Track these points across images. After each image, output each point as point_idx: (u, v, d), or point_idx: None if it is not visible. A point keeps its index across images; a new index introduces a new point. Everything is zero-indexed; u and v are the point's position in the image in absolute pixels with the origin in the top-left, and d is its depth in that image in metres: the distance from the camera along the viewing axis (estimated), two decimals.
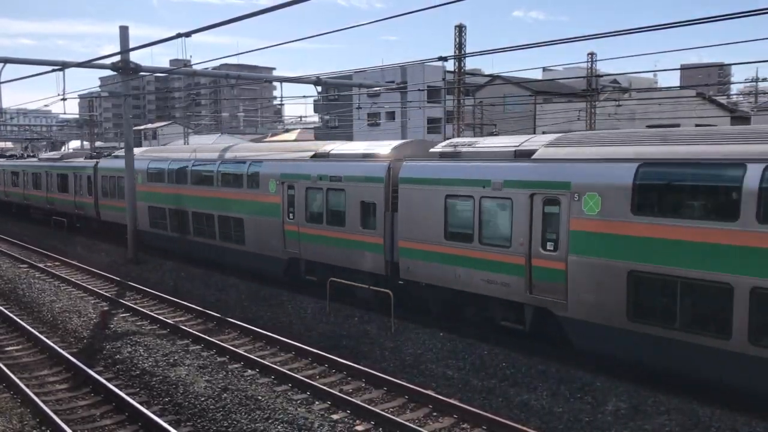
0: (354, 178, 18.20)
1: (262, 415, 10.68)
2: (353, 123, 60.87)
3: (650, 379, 12.39)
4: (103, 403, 11.70)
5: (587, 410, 11.16)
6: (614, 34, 10.98)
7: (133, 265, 24.93)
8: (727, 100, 67.68)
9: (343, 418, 10.85)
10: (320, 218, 19.20)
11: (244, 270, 22.42)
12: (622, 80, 70.98)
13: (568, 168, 13.35)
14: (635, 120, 48.89)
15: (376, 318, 16.66)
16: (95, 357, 14.13)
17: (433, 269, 16.07)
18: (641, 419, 10.78)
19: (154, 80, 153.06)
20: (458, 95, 42.19)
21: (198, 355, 14.12)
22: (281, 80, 28.57)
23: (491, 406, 11.41)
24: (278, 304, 18.67)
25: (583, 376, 12.51)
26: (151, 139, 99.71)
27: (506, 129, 53.11)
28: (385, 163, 17.64)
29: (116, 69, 24.86)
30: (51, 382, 12.84)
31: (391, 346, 14.68)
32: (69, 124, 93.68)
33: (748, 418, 10.61)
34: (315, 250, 19.47)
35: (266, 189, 20.86)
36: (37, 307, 18.50)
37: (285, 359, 14.18)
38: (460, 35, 40.14)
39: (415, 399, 11.70)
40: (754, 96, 69.19)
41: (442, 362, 13.62)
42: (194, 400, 11.40)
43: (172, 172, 25.82)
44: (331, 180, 18.82)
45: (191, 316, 17.86)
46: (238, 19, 11.18)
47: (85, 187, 32.99)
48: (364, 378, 12.75)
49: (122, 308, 18.37)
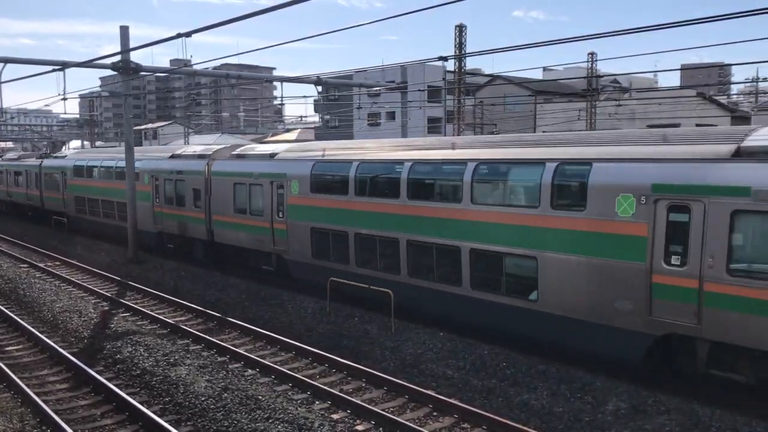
0: (190, 171, 25.02)
1: (262, 415, 10.69)
2: (354, 123, 60.89)
3: (650, 379, 12.41)
4: (104, 402, 11.71)
5: (587, 410, 11.16)
6: (614, 34, 10.98)
7: (134, 265, 24.95)
8: (727, 100, 67.66)
9: (344, 418, 10.86)
10: (172, 201, 25.99)
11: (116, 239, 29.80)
12: (623, 80, 70.99)
13: (287, 164, 20.67)
14: (635, 120, 48.89)
15: (376, 318, 16.67)
16: (96, 357, 14.14)
17: (228, 234, 23.24)
18: (641, 419, 10.78)
19: (155, 80, 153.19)
20: (458, 95, 42.20)
21: (198, 354, 14.13)
22: (282, 80, 28.58)
23: (491, 405, 11.41)
24: (278, 304, 18.68)
25: (584, 376, 12.52)
26: (152, 139, 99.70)
27: (507, 129, 53.17)
28: (204, 161, 24.43)
29: (117, 69, 24.86)
30: (51, 382, 12.85)
31: (391, 346, 14.69)
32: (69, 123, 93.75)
33: (748, 418, 10.61)
34: (170, 224, 26.31)
35: (142, 181, 27.37)
36: (37, 306, 18.51)
37: (285, 359, 14.19)
38: (460, 35, 40.14)
39: (415, 399, 11.71)
40: (755, 96, 69.19)
41: (443, 362, 13.63)
42: (195, 399, 11.40)
43: (90, 169, 33.25)
44: (178, 173, 25.64)
45: (192, 315, 17.87)
46: (239, 18, 11.19)
47: (33, 182, 39.43)
48: (364, 378, 12.75)
49: (123, 308, 18.38)
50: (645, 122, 48.38)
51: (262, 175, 21.34)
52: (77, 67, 23.74)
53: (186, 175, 25.14)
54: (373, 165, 17.87)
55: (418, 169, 16.56)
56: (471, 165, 15.10)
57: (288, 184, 20.15)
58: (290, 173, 20.17)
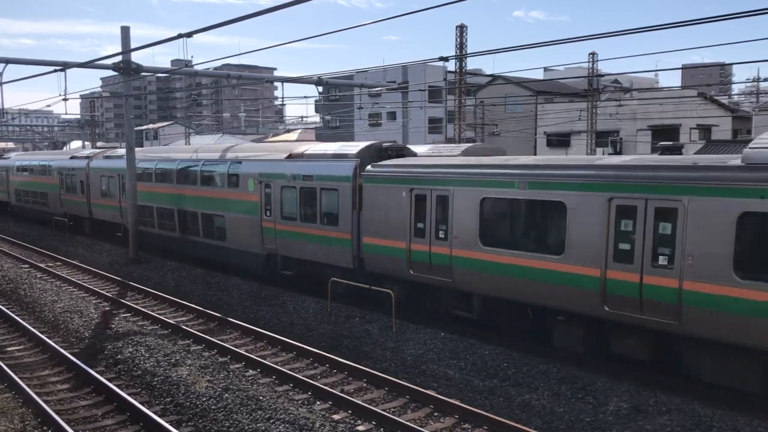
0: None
1: (263, 416, 10.69)
2: (354, 123, 60.89)
3: (651, 378, 12.41)
4: (105, 403, 11.71)
5: (588, 410, 11.16)
6: (615, 34, 10.98)
7: (135, 265, 24.97)
8: (728, 100, 67.62)
9: (345, 419, 10.86)
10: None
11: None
12: (624, 80, 70.97)
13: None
14: (636, 120, 48.85)
15: (377, 318, 16.67)
16: (97, 357, 14.15)
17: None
18: (642, 419, 10.77)
19: (156, 80, 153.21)
20: (459, 95, 42.18)
21: (199, 355, 14.14)
22: (283, 80, 28.62)
23: (492, 406, 11.41)
24: (279, 304, 18.68)
25: (585, 376, 12.51)
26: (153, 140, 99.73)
27: (508, 129, 53.14)
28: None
29: (118, 69, 24.87)
30: (52, 382, 12.85)
31: (392, 347, 14.69)
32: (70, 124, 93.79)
33: (749, 419, 10.60)
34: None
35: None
36: (38, 307, 18.52)
37: (286, 359, 14.19)
38: (461, 35, 40.12)
39: (416, 399, 11.70)
40: (756, 96, 69.15)
41: (444, 362, 13.62)
42: (196, 400, 11.41)
43: (26, 167, 40.89)
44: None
45: (193, 316, 17.88)
46: (240, 19, 11.19)
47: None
48: (365, 378, 12.75)
49: (124, 308, 18.39)
50: (646, 122, 48.33)
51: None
52: (78, 67, 23.76)
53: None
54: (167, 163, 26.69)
55: (162, 166, 26.66)
56: (200, 162, 24.60)
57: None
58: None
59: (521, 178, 14.07)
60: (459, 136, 42.33)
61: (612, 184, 12.45)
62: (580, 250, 12.78)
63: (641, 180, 12.07)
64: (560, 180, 13.32)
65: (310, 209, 19.63)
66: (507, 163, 15.16)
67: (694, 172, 11.56)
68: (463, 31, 39.99)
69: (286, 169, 20.55)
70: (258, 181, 21.46)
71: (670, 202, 11.62)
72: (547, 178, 13.56)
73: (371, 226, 17.56)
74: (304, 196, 19.78)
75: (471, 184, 15.08)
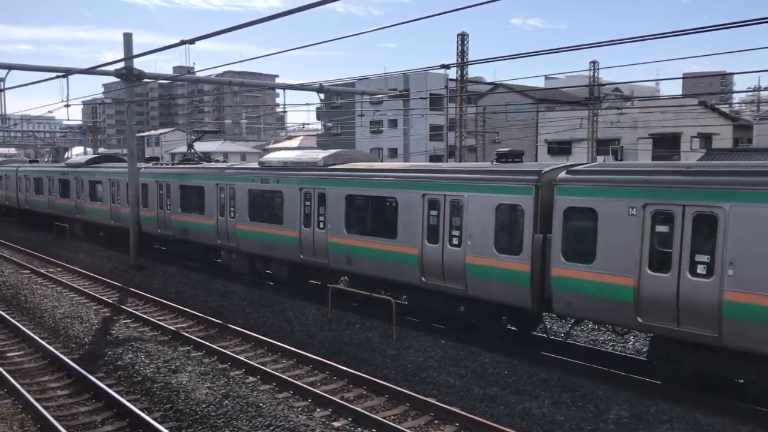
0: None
1: (263, 422, 10.66)
2: (356, 130, 60.99)
3: (652, 387, 12.38)
4: (105, 409, 11.68)
5: (589, 418, 11.13)
6: (616, 42, 11.03)
7: (136, 271, 24.96)
8: (729, 109, 67.65)
9: (345, 426, 10.84)
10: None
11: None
12: (624, 88, 71.02)
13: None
14: (637, 128, 48.94)
15: (378, 325, 16.65)
16: (97, 363, 14.12)
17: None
18: (643, 428, 10.74)
19: (158, 87, 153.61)
20: (460, 103, 42.25)
21: (200, 361, 14.12)
22: (284, 87, 28.72)
23: (493, 414, 11.38)
24: (280, 310, 18.67)
25: (586, 384, 12.48)
26: (154, 146, 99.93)
27: (509, 137, 53.18)
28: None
29: (120, 76, 24.93)
30: (52, 388, 12.83)
31: (392, 354, 14.67)
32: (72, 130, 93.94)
33: (751, 427, 10.57)
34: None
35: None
36: (39, 312, 18.51)
37: (286, 366, 14.17)
38: (462, 43, 40.20)
39: (416, 407, 11.68)
40: (756, 105, 69.19)
41: (444, 370, 13.60)
42: (195, 406, 11.38)
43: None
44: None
45: (193, 322, 17.86)
46: (244, 26, 11.26)
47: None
48: (365, 385, 12.73)
49: (124, 314, 18.37)
50: (647, 131, 48.40)
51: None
52: (81, 73, 23.83)
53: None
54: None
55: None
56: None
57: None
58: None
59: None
60: (460, 144, 42.38)
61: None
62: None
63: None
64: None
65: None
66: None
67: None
68: (465, 39, 40.07)
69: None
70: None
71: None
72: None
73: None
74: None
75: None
